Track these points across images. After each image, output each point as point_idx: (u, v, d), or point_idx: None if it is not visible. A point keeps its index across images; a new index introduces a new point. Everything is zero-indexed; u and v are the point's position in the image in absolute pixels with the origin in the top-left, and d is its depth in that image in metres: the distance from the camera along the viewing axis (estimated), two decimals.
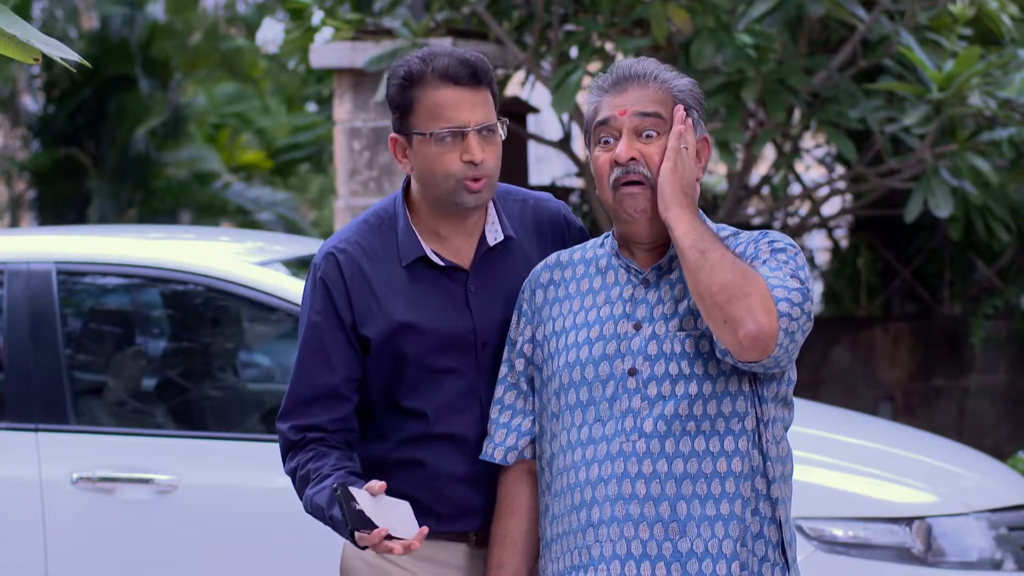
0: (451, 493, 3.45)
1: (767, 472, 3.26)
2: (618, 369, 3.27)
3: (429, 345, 3.43)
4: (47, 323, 5.49)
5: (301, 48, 8.62)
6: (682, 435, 3.22)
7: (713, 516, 3.21)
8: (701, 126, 3.34)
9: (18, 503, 5.38)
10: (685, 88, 3.33)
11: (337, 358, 3.44)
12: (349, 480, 3.30)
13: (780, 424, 3.31)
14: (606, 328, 3.30)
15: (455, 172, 3.38)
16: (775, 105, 7.38)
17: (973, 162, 7.41)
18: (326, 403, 3.44)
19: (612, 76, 3.34)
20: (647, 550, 3.21)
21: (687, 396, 3.22)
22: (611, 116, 3.31)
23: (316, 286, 3.46)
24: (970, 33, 7.72)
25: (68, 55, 2.41)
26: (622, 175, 3.29)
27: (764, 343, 3.10)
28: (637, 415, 3.23)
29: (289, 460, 3.46)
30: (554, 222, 3.61)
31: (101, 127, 18.17)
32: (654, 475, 3.21)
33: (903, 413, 9.36)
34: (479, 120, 3.40)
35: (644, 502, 3.21)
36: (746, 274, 3.12)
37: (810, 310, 3.17)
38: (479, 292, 3.47)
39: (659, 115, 3.29)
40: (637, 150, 3.28)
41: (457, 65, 3.38)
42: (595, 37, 7.57)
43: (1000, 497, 5.57)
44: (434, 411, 3.44)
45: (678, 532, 3.20)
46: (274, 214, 19.23)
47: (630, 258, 3.35)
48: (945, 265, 9.71)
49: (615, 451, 3.23)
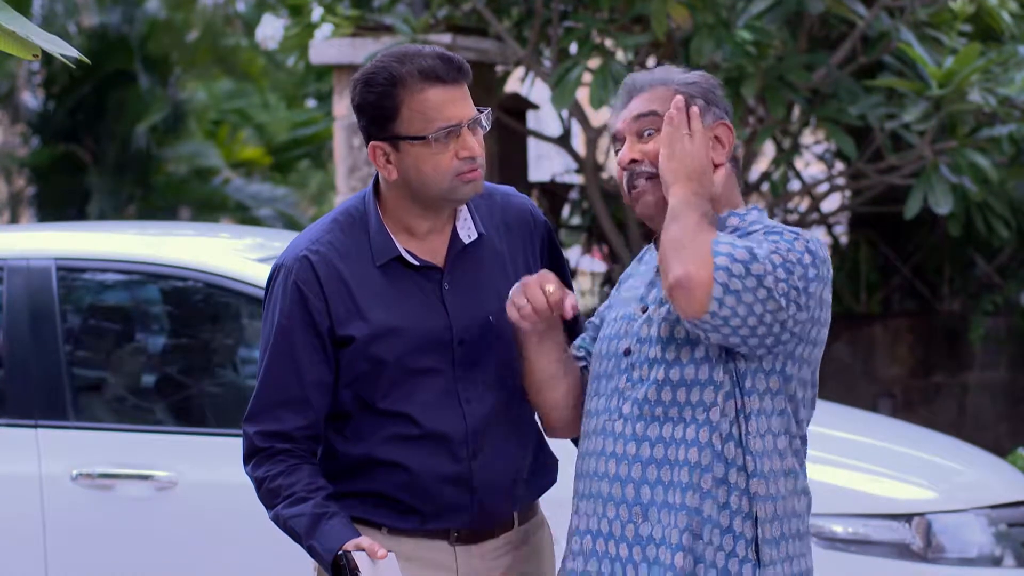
0: (433, 492, 3.45)
1: (746, 466, 3.22)
2: (618, 348, 3.33)
3: (407, 346, 3.42)
4: (47, 319, 5.49)
5: (301, 44, 8.62)
6: (651, 420, 3.25)
7: (673, 504, 3.22)
8: (714, 113, 3.34)
9: (18, 499, 5.38)
10: (693, 80, 3.36)
11: (306, 364, 3.41)
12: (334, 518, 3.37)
13: (774, 419, 3.25)
14: (626, 309, 3.38)
15: (452, 169, 3.37)
16: (775, 101, 7.38)
17: (973, 158, 7.41)
18: (294, 408, 3.43)
19: (622, 90, 3.41)
20: (612, 529, 3.27)
21: (656, 381, 3.25)
22: (618, 129, 3.37)
23: (288, 289, 3.42)
24: (970, 29, 7.72)
25: (67, 51, 2.41)
26: (629, 178, 3.34)
27: (691, 291, 3.08)
28: (622, 395, 3.30)
29: (255, 467, 3.46)
30: (520, 216, 3.61)
31: (101, 123, 18.16)
32: (624, 456, 3.26)
33: (903, 410, 9.35)
34: (470, 115, 3.39)
35: (613, 482, 3.27)
36: (697, 233, 3.12)
37: (761, 273, 3.09)
38: (454, 290, 3.46)
39: (655, 112, 3.31)
40: (639, 151, 3.32)
41: (439, 64, 3.35)
42: (595, 33, 7.56)
43: (1000, 494, 5.57)
44: (415, 411, 3.43)
45: (641, 516, 3.24)
46: (274, 210, 19.21)
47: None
48: (945, 262, 9.71)
49: (599, 428, 3.32)
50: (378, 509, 3.46)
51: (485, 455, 3.47)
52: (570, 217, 10.00)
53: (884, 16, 7.60)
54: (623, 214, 8.64)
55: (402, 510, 3.45)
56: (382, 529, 3.46)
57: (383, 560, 3.28)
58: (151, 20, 18.33)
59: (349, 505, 3.43)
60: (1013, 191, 8.04)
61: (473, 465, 3.45)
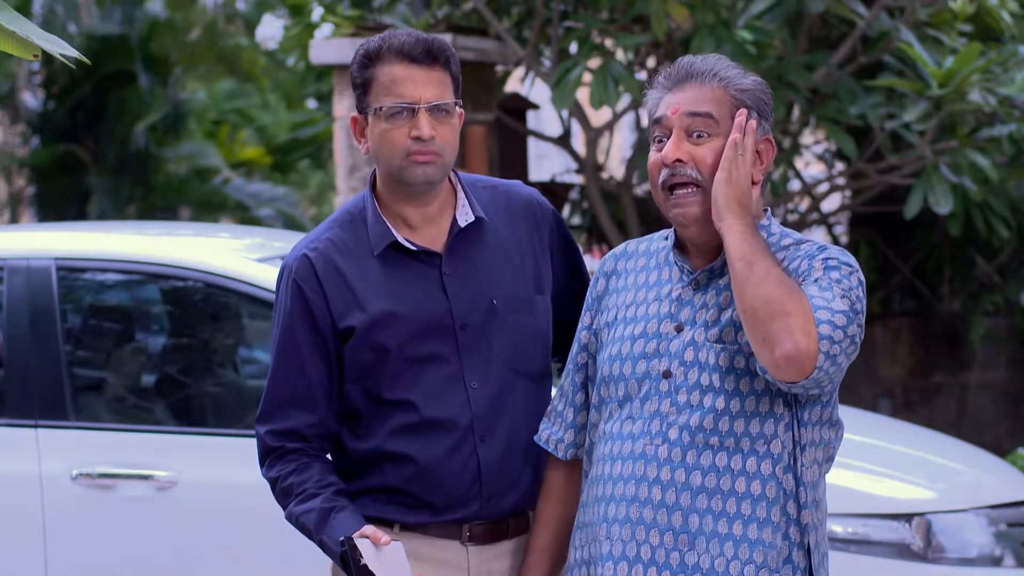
0: (444, 481, 3.44)
1: (799, 497, 3.19)
2: (654, 369, 3.22)
3: (408, 333, 3.43)
4: (47, 319, 5.49)
5: (301, 44, 8.63)
6: (704, 448, 3.16)
7: (725, 534, 3.15)
8: (764, 127, 3.23)
9: (18, 499, 5.38)
10: (748, 87, 3.23)
11: (311, 360, 3.45)
12: (342, 511, 3.37)
13: (821, 448, 3.22)
14: (650, 326, 3.25)
15: (403, 147, 3.40)
16: (775, 101, 7.37)
17: (973, 158, 7.41)
18: (303, 406, 3.46)
19: (673, 72, 3.25)
20: (655, 556, 3.17)
21: (713, 410, 3.16)
22: (664, 115, 3.22)
23: (289, 288, 3.47)
24: (970, 29, 7.72)
25: (67, 51, 2.41)
26: (668, 177, 3.20)
27: (800, 364, 3.00)
28: (665, 419, 3.19)
29: (268, 467, 3.49)
30: (525, 205, 3.60)
31: (101, 123, 18.17)
32: (671, 483, 3.17)
33: (903, 410, 9.36)
34: (430, 98, 3.41)
35: (658, 508, 3.17)
36: (791, 292, 3.03)
37: (855, 333, 3.07)
38: (454, 275, 3.47)
39: (711, 115, 3.18)
40: (686, 151, 3.19)
41: (412, 43, 3.42)
42: (595, 33, 7.57)
43: (1000, 493, 5.57)
44: (420, 398, 3.44)
45: (687, 544, 3.15)
46: (274, 210, 19.22)
47: (685, 257, 3.28)
48: (945, 261, 9.71)
49: (638, 452, 3.20)
50: (389, 505, 3.47)
51: (492, 441, 3.46)
52: (570, 217, 10.00)
53: (884, 16, 7.60)
54: (623, 214, 8.64)
55: (412, 504, 3.45)
56: (395, 527, 3.46)
57: (387, 547, 3.27)
58: (151, 20, 18.33)
59: (362, 504, 3.45)
60: (1013, 191, 8.04)
61: (480, 451, 3.45)
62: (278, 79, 20.62)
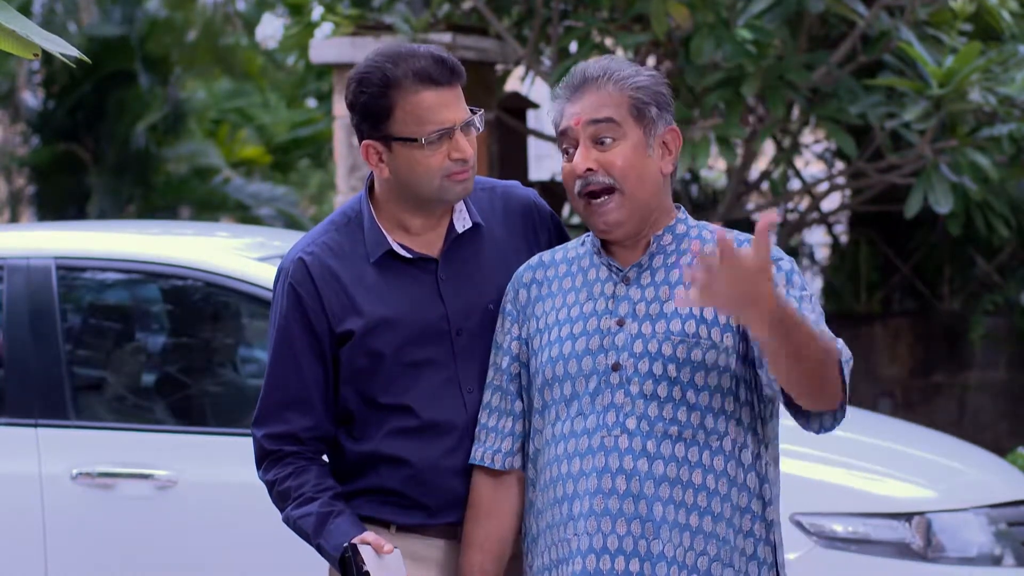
0: (439, 484, 3.45)
1: (763, 493, 3.23)
2: (601, 364, 3.24)
3: (404, 338, 3.43)
4: (47, 319, 5.49)
5: (300, 44, 8.63)
6: (663, 437, 3.18)
7: (684, 524, 3.17)
8: (665, 120, 3.27)
9: (18, 498, 5.38)
10: (644, 84, 3.27)
11: (307, 364, 3.45)
12: (340, 516, 3.38)
13: (776, 444, 3.29)
14: (589, 324, 3.27)
15: (443, 169, 3.38)
16: (775, 101, 7.38)
17: (973, 158, 7.41)
18: (299, 409, 3.46)
19: (570, 80, 3.31)
20: (623, 545, 3.18)
21: (671, 399, 3.18)
22: (568, 126, 3.28)
23: (286, 291, 3.46)
24: (970, 29, 7.72)
25: (67, 51, 2.41)
26: (583, 187, 3.25)
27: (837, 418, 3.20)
28: (620, 410, 3.21)
29: (265, 471, 3.50)
30: (523, 207, 3.60)
31: (101, 123, 18.16)
32: (634, 472, 3.18)
33: (903, 409, 9.35)
34: (463, 117, 3.39)
35: (624, 498, 3.18)
36: (828, 345, 3.12)
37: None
38: (449, 280, 3.47)
39: (612, 119, 3.23)
40: (595, 160, 3.24)
41: (434, 65, 3.36)
42: (595, 33, 7.57)
43: (1000, 493, 5.57)
44: (416, 403, 3.44)
45: (652, 533, 3.17)
46: (274, 209, 19.20)
47: (610, 256, 3.32)
48: (945, 261, 9.71)
49: (596, 445, 3.21)
50: (385, 506, 3.47)
51: None
52: (570, 216, 10.00)
53: (884, 15, 7.60)
54: None
55: (407, 505, 3.46)
56: (391, 528, 3.47)
57: (389, 555, 3.29)
58: (151, 20, 18.32)
59: (358, 504, 3.45)
60: (1013, 190, 8.04)
61: None
62: (278, 79, 20.61)
